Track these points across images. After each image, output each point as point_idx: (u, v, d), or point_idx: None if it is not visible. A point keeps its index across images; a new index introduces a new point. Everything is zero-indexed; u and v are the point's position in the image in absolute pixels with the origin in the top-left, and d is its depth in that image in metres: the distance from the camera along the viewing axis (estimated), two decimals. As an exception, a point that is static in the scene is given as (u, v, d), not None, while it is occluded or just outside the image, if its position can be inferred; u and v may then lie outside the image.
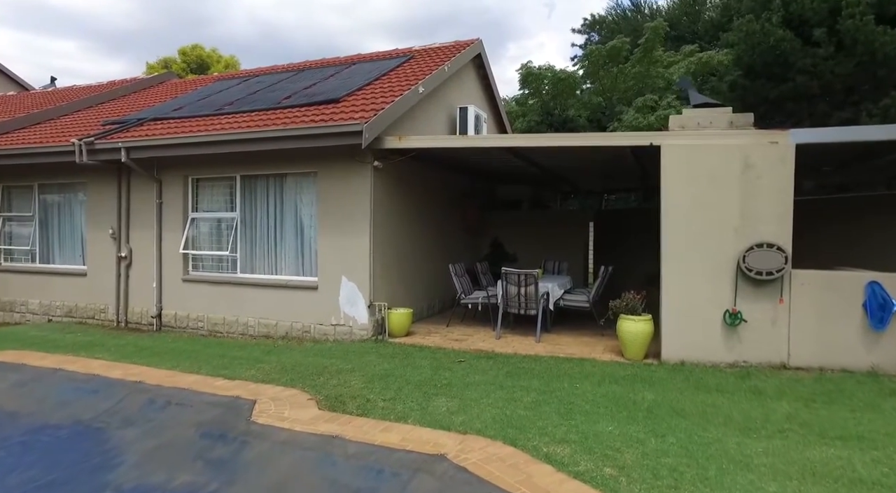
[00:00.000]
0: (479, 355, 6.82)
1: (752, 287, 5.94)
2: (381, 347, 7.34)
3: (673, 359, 6.24)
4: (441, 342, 7.59)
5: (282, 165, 8.38)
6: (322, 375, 6.00)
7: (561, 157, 8.54)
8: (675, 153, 6.22)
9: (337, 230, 7.97)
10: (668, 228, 6.26)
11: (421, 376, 5.89)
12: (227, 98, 10.47)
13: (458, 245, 11.32)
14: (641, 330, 6.42)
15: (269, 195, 8.67)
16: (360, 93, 8.79)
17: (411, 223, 9.09)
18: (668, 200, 6.25)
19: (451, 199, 10.90)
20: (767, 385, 5.35)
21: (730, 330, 6.04)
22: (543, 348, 7.19)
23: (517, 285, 7.79)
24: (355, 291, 7.86)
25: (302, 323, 8.20)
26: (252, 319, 8.53)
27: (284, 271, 8.55)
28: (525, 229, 12.47)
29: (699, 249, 6.13)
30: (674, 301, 6.25)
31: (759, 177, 5.88)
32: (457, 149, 7.51)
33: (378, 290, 7.99)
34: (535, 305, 7.76)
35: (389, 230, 8.33)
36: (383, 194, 8.11)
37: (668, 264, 6.25)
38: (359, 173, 7.81)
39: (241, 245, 8.80)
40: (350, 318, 7.91)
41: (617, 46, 16.34)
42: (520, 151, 7.92)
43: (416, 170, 9.17)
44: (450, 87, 10.60)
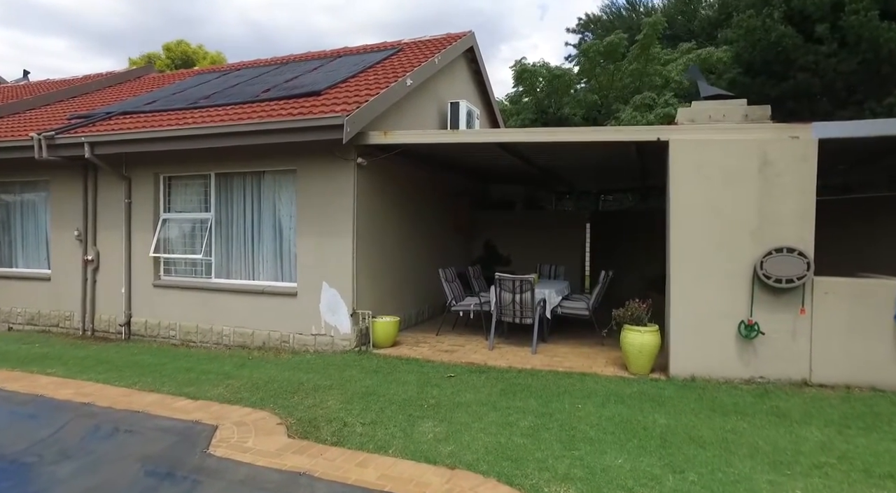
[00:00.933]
0: (470, 369, 6.25)
1: (771, 296, 5.41)
2: (364, 359, 6.77)
3: (682, 374, 5.71)
4: (430, 354, 7.02)
5: (259, 162, 7.79)
6: (297, 393, 5.41)
7: (558, 154, 8.01)
8: (685, 149, 5.69)
9: (317, 232, 7.38)
10: (676, 231, 5.73)
11: (406, 395, 5.32)
12: (203, 92, 9.85)
13: (449, 248, 10.76)
14: (648, 342, 5.88)
15: (245, 195, 8.07)
16: (343, 85, 8.21)
17: (399, 225, 8.52)
18: (677, 201, 5.72)
19: (441, 199, 10.33)
20: (790, 406, 4.82)
21: (745, 343, 5.52)
22: (540, 361, 6.64)
23: (512, 291, 7.24)
24: (337, 298, 7.28)
25: (280, 332, 7.60)
26: (227, 327, 7.92)
27: (262, 276, 7.96)
28: (519, 231, 11.93)
29: (711, 254, 5.60)
30: (683, 311, 5.71)
31: (777, 175, 5.36)
32: (446, 144, 6.95)
33: (362, 296, 7.41)
34: (531, 313, 7.20)
35: (374, 232, 7.76)
36: (368, 193, 7.53)
37: (676, 271, 5.72)
38: (341, 171, 7.23)
39: (216, 248, 8.20)
40: (331, 327, 7.32)
41: (614, 42, 15.86)
42: (515, 147, 7.38)
43: (403, 168, 8.60)
44: (440, 80, 10.05)
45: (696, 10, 24.94)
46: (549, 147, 7.03)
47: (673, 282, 5.74)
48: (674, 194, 5.75)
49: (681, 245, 5.72)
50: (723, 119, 5.71)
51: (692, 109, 5.91)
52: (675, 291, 5.74)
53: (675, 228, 5.74)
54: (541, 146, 6.91)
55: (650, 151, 6.72)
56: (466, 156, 8.52)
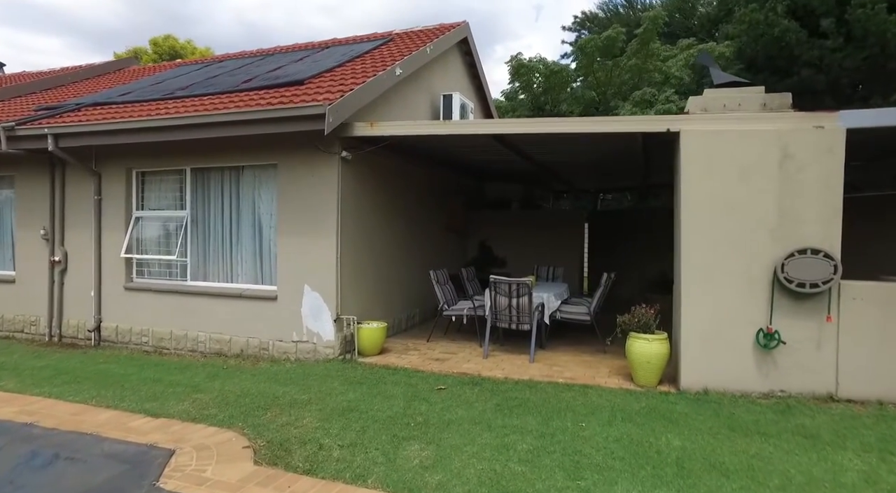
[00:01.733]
0: (462, 381, 5.75)
1: (793, 302, 4.93)
2: (348, 369, 6.25)
3: (694, 387, 5.22)
4: (419, 363, 6.51)
5: (238, 156, 7.26)
6: (270, 409, 4.89)
7: (557, 148, 7.52)
8: (698, 141, 5.21)
9: (299, 231, 6.86)
10: (687, 230, 5.24)
11: (391, 411, 4.81)
12: (181, 83, 9.31)
13: (442, 248, 10.25)
14: (656, 352, 5.39)
15: (223, 191, 7.53)
16: (328, 75, 7.69)
17: (388, 223, 8.00)
18: (688, 198, 5.24)
19: (434, 197, 9.83)
20: (819, 425, 4.33)
21: (764, 353, 5.03)
22: (539, 371, 6.14)
23: (508, 295, 6.73)
24: (320, 302, 6.76)
25: (259, 339, 7.07)
26: (203, 334, 7.38)
27: (241, 279, 7.42)
28: (515, 231, 11.44)
29: (727, 256, 5.12)
30: (695, 318, 5.23)
31: (800, 169, 4.88)
32: (438, 137, 6.45)
33: (347, 300, 6.89)
34: (528, 319, 6.70)
35: (361, 231, 7.24)
36: (354, 189, 7.02)
37: (688, 274, 5.23)
38: (324, 165, 6.71)
39: (192, 249, 7.66)
40: (314, 334, 6.80)
41: (612, 36, 15.39)
42: (511, 140, 6.88)
43: (393, 163, 8.09)
44: (433, 72, 9.54)
45: (695, 7, 24.53)
46: (548, 140, 6.54)
47: (683, 286, 5.25)
48: (684, 190, 5.26)
49: (692, 246, 5.23)
50: (738, 108, 5.23)
51: (704, 98, 5.42)
52: (686, 296, 5.25)
53: (685, 228, 5.25)
54: (539, 138, 6.42)
55: (657, 143, 6.23)
56: (460, 151, 8.02)
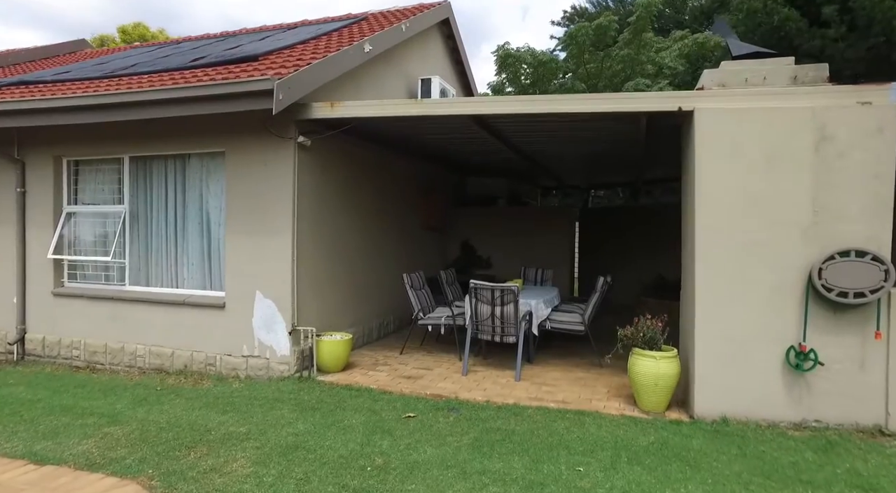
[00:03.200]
0: (436, 405, 4.86)
1: (831, 314, 4.11)
2: (303, 390, 5.33)
3: (710, 414, 4.38)
4: (387, 382, 5.61)
5: (182, 142, 6.30)
6: (197, 447, 3.96)
7: (546, 136, 6.65)
8: (716, 122, 4.37)
9: (249, 229, 5.93)
10: (702, 229, 4.40)
11: (346, 448, 3.91)
12: (128, 63, 8.30)
13: (421, 248, 9.36)
14: (665, 372, 4.54)
15: (167, 183, 6.57)
16: (287, 51, 6.75)
17: (357, 220, 7.09)
18: (703, 190, 4.39)
19: (411, 192, 8.92)
20: (875, 471, 3.50)
21: (795, 376, 4.20)
22: (526, 391, 5.28)
23: (490, 303, 5.85)
24: (273, 311, 5.83)
25: (205, 353, 6.12)
26: (142, 346, 6.41)
27: (188, 283, 6.47)
28: (501, 229, 10.57)
29: (750, 259, 4.28)
30: (711, 332, 4.39)
31: (841, 154, 4.06)
32: (410, 120, 5.55)
33: (305, 309, 5.98)
34: (514, 330, 5.83)
35: (323, 229, 6.32)
36: (314, 181, 6.10)
37: (702, 281, 4.39)
38: (278, 153, 5.78)
39: (132, 249, 6.69)
40: (266, 347, 5.87)
41: (603, 24, 14.60)
42: (495, 124, 6.01)
43: (363, 153, 7.18)
44: (410, 53, 8.64)
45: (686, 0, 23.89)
46: (536, 122, 5.68)
47: (698, 295, 4.41)
48: (699, 181, 4.41)
49: (708, 248, 4.39)
50: (763, 82, 4.40)
51: (722, 71, 4.58)
52: (701, 306, 4.40)
53: (700, 226, 4.41)
54: (526, 120, 5.56)
55: (663, 128, 5.39)
56: (437, 139, 7.13)
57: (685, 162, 5.06)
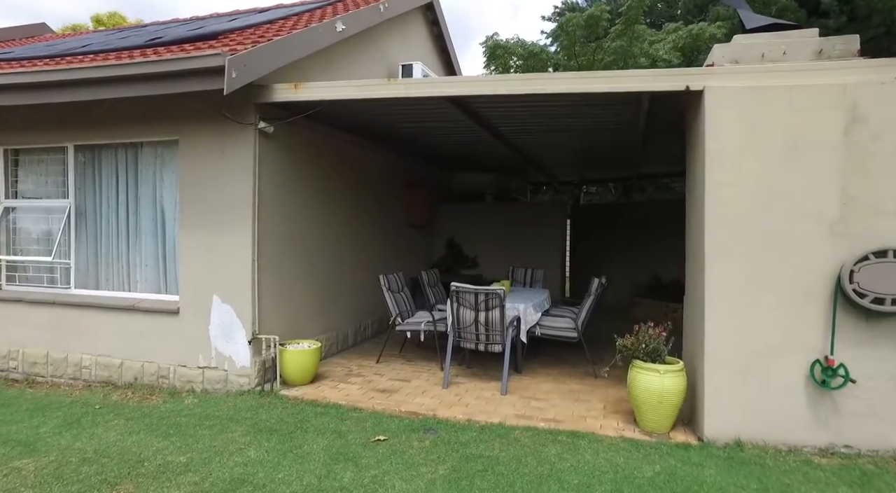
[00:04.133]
0: (411, 425, 4.28)
1: (864, 323, 3.58)
2: (263, 407, 4.72)
3: (722, 436, 3.84)
4: (359, 396, 5.01)
5: (134, 129, 5.66)
6: (120, 485, 3.34)
7: (535, 124, 6.09)
8: (730, 103, 3.81)
9: (205, 226, 5.31)
10: (712, 225, 3.85)
11: (301, 483, 3.32)
12: (81, 44, 7.61)
13: (403, 247, 8.76)
14: (671, 388, 3.99)
15: (118, 175, 5.91)
16: (251, 30, 6.12)
17: (329, 217, 6.48)
18: (714, 181, 3.85)
19: (392, 187, 8.32)
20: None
21: (821, 394, 3.67)
22: (513, 408, 4.71)
23: (474, 308, 5.27)
24: (232, 317, 5.21)
25: (157, 364, 5.49)
26: (88, 356, 5.76)
27: (141, 286, 5.82)
28: (488, 227, 10.01)
29: (767, 259, 3.74)
30: (723, 343, 3.84)
31: (876, 138, 3.53)
32: (382, 102, 4.95)
33: (268, 315, 5.37)
34: (500, 338, 5.25)
35: (289, 225, 5.71)
36: (279, 172, 5.49)
37: (712, 284, 3.84)
38: (236, 140, 5.16)
39: (78, 248, 6.03)
40: (224, 358, 5.26)
41: (595, 14, 14.07)
42: (478, 108, 5.44)
43: (337, 143, 6.57)
44: (390, 38, 8.03)
45: (678, -6, 23.43)
46: (525, 106, 5.11)
47: (708, 300, 3.86)
48: (709, 171, 3.86)
49: (719, 247, 3.84)
50: (783, 57, 3.85)
51: (734, 46, 4.02)
52: (712, 313, 3.85)
53: (711, 222, 3.86)
54: (513, 102, 4.99)
55: (665, 113, 4.85)
56: (417, 127, 6.53)
57: (691, 151, 4.51)
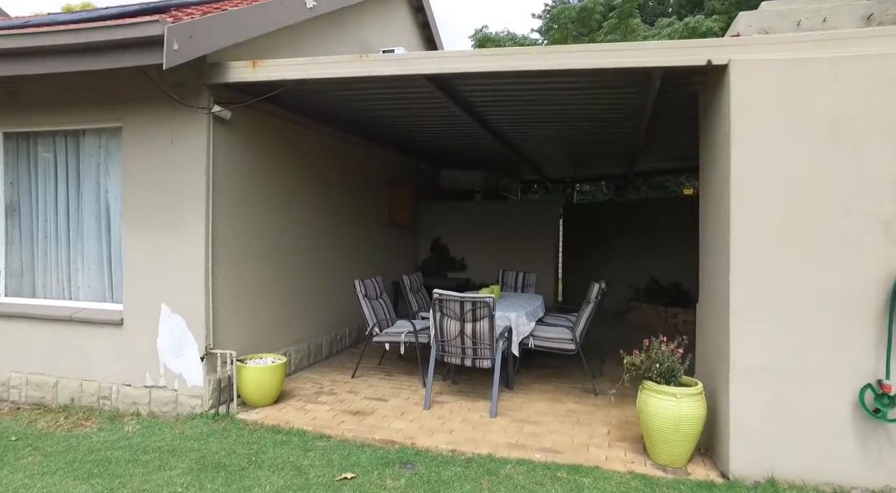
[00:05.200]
0: (385, 457, 3.63)
1: (926, 342, 3.00)
2: (215, 434, 4.05)
3: (752, 472, 3.24)
4: (328, 419, 4.36)
5: (73, 114, 4.96)
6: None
7: (528, 111, 5.48)
8: (760, 78, 3.22)
9: (152, 225, 4.63)
10: (739, 224, 3.27)
11: (242, 543, 2.66)
12: (22, 22, 6.86)
13: (385, 248, 8.10)
14: (689, 414, 3.38)
15: (57, 167, 5.21)
16: (206, 5, 5.44)
17: (300, 215, 5.82)
18: (742, 172, 3.26)
19: (374, 183, 7.67)
20: None
21: (873, 425, 3.09)
22: (504, 434, 4.08)
23: (460, 319, 4.63)
24: (183, 329, 4.54)
25: (98, 383, 4.79)
26: (18, 375, 5.04)
27: (84, 294, 5.11)
28: (477, 227, 9.38)
29: (807, 263, 3.15)
30: (752, 361, 3.25)
31: (941, 119, 2.95)
32: (353, 82, 4.31)
33: (226, 326, 4.70)
34: (489, 352, 4.62)
35: (252, 225, 5.04)
36: (238, 165, 4.83)
37: (740, 293, 3.26)
38: (188, 127, 4.49)
39: (9, 250, 5.32)
40: (175, 376, 4.58)
41: (588, 7, 13.52)
42: (462, 89, 4.82)
43: (309, 134, 5.92)
44: (369, 20, 7.38)
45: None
46: (516, 87, 4.51)
47: (734, 312, 3.27)
48: (736, 161, 3.27)
49: (747, 248, 3.25)
50: (823, 25, 3.26)
51: (763, 13, 3.43)
52: (739, 327, 3.26)
53: (737, 220, 3.27)
54: (503, 81, 4.38)
55: (676, 96, 4.25)
56: (396, 116, 5.89)
57: (709, 139, 3.92)
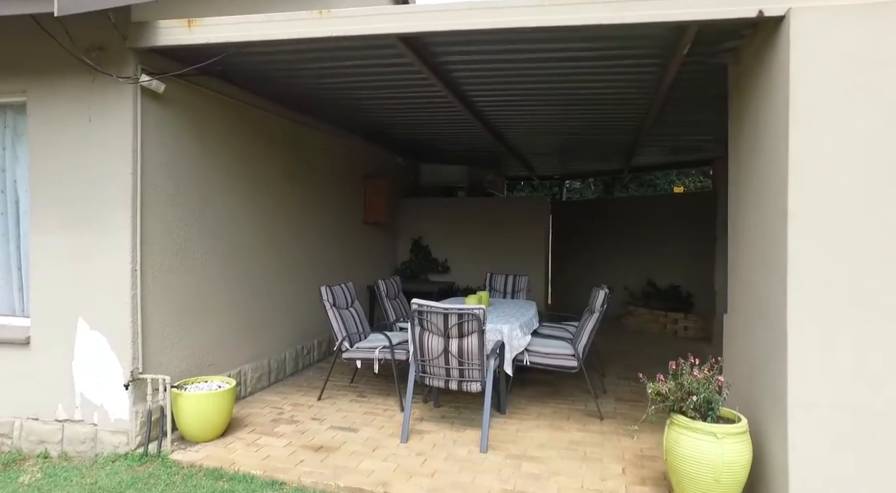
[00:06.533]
0: (349, 519, 2.85)
1: None
2: (138, 482, 3.23)
3: (816, 536, 2.52)
4: (283, 458, 3.55)
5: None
6: None
7: (524, 94, 4.74)
8: (830, 32, 2.52)
9: (66, 223, 3.78)
10: (799, 222, 2.56)
11: None
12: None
13: (360, 249, 7.30)
14: (733, 460, 2.68)
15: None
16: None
17: (257, 211, 4.99)
18: (802, 152, 2.59)
19: (347, 176, 6.87)
20: None
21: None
22: (498, 477, 3.33)
23: (443, 334, 3.86)
24: (105, 349, 3.70)
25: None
26: None
27: (-10, 304, 4.23)
28: (461, 226, 8.63)
29: (890, 270, 2.44)
30: (818, 394, 2.54)
31: None
32: (313, 45, 3.52)
33: (160, 345, 3.87)
34: (479, 373, 3.86)
35: (195, 223, 4.21)
36: (176, 150, 3.99)
37: (800, 301, 2.58)
38: (109, 101, 3.66)
39: None
40: (94, 407, 3.74)
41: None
42: (448, 62, 4.05)
43: (268, 119, 5.08)
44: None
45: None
46: (516, 54, 3.76)
47: (792, 329, 2.56)
48: (796, 138, 2.57)
49: (809, 246, 2.56)
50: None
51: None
52: (802, 350, 2.56)
53: (794, 209, 2.56)
54: (496, 49, 3.61)
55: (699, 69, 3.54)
56: (368, 93, 5.08)
57: (747, 120, 3.23)
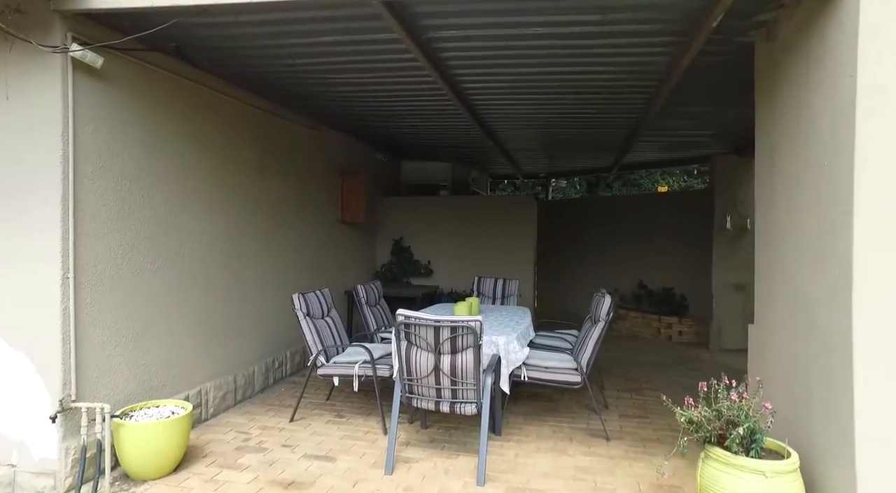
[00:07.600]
0: None
1: None
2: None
3: None
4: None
5: None
6: None
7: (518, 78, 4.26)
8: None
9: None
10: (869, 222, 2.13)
11: None
12: None
13: (337, 251, 6.73)
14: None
15: None
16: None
17: (218, 210, 4.40)
18: (870, 133, 2.13)
19: (322, 172, 6.30)
20: None
21: None
22: (501, 520, 2.83)
23: (434, 350, 3.35)
24: (28, 374, 3.10)
25: None
26: None
27: None
28: (445, 226, 8.12)
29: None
30: (893, 420, 2.10)
31: None
32: (276, 8, 2.98)
33: (100, 365, 3.28)
34: (474, 393, 3.35)
35: (142, 221, 3.61)
36: (119, 135, 3.40)
37: (866, 322, 2.12)
38: (32, 75, 3.06)
39: None
40: (14, 445, 3.13)
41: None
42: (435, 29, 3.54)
43: (230, 106, 4.49)
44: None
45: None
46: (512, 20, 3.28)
47: (858, 348, 2.13)
48: (864, 129, 2.13)
49: (882, 245, 2.11)
50: None
51: None
52: (867, 371, 2.11)
53: (867, 214, 2.13)
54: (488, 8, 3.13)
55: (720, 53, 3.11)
56: (341, 80, 4.54)
57: (782, 107, 2.79)
